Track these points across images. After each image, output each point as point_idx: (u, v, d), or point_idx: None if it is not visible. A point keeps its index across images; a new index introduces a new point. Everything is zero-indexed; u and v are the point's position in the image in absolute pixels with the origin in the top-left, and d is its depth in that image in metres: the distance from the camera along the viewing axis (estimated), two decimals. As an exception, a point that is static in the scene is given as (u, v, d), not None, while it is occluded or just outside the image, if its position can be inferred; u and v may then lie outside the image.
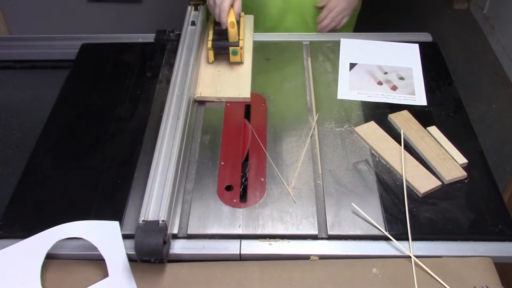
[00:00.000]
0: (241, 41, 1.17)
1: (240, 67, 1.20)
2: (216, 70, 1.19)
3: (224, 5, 1.13)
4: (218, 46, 1.17)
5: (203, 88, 1.14)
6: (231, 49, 1.16)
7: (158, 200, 0.86)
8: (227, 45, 1.16)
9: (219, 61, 1.21)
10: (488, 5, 2.44)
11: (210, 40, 1.18)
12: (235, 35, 1.15)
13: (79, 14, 2.29)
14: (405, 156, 0.99)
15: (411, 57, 1.26)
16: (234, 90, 1.14)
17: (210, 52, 1.18)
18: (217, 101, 1.13)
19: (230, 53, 1.16)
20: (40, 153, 1.04)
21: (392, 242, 0.86)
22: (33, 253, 0.83)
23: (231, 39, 1.16)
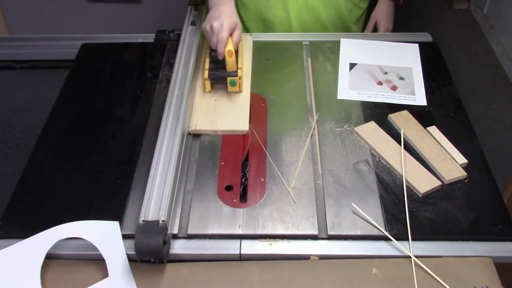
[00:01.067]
0: (239, 70, 1.11)
1: (238, 96, 1.12)
2: (212, 99, 1.12)
3: (222, 35, 1.05)
4: (215, 76, 1.11)
5: (198, 119, 1.07)
6: (229, 79, 1.09)
7: (158, 200, 0.86)
8: (224, 75, 1.10)
9: (215, 89, 1.14)
10: (488, 5, 2.43)
11: (207, 70, 1.11)
12: (233, 64, 1.09)
13: (79, 14, 2.29)
14: (405, 156, 0.99)
15: (411, 57, 1.26)
16: (231, 122, 1.06)
17: (207, 82, 1.11)
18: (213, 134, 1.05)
19: (228, 84, 1.10)
20: (40, 153, 1.04)
21: (392, 242, 0.86)
22: (33, 253, 0.83)
23: (228, 69, 1.09)
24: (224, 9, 1.09)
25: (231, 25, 1.07)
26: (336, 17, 1.36)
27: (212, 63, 1.12)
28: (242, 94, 1.12)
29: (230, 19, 1.07)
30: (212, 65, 1.12)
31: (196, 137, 1.06)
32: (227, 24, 1.05)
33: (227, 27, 1.05)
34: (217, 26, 1.05)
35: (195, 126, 1.05)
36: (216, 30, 1.05)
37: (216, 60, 1.09)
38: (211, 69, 1.11)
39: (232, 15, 1.09)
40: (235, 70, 1.09)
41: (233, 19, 1.08)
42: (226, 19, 1.06)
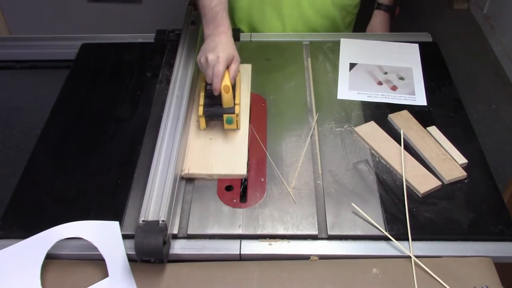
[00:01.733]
0: (237, 107, 1.01)
1: (236, 134, 1.03)
2: (207, 137, 1.03)
3: (218, 69, 0.96)
4: (211, 113, 1.01)
5: (192, 161, 0.98)
6: (225, 116, 1.00)
7: (158, 200, 0.86)
8: (221, 112, 1.00)
9: (211, 126, 1.05)
10: (488, 5, 2.44)
11: (201, 106, 1.02)
12: (230, 100, 0.99)
13: (79, 14, 2.29)
14: (405, 156, 0.99)
15: (411, 57, 1.26)
16: (228, 165, 0.97)
17: (202, 119, 1.02)
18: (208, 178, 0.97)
19: (224, 121, 1.01)
20: (40, 153, 1.04)
21: (392, 242, 0.86)
22: (33, 253, 0.83)
23: (225, 105, 0.99)
24: (221, 40, 1.01)
25: (228, 57, 0.98)
26: (330, 25, 1.37)
27: (207, 98, 1.03)
28: (239, 131, 1.04)
29: (227, 51, 0.99)
30: (207, 100, 1.02)
31: (196, 137, 1.06)
32: (224, 56, 0.97)
33: (224, 60, 0.97)
34: (212, 58, 0.97)
35: (188, 170, 0.96)
36: (212, 63, 0.97)
37: (212, 95, 1.00)
38: (206, 105, 1.02)
39: (229, 47, 1.01)
40: (232, 107, 1.00)
41: (230, 51, 1.00)
42: (223, 51, 0.98)
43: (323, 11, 1.33)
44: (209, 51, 0.99)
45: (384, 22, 1.41)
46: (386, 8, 1.40)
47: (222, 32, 1.02)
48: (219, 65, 0.96)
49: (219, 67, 0.96)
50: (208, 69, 0.98)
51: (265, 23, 1.35)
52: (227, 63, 0.98)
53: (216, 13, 1.02)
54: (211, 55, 0.98)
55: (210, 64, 0.97)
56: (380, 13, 1.41)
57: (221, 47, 0.99)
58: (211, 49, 0.99)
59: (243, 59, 1.24)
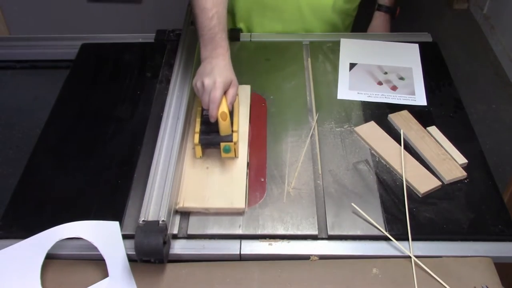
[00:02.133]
0: (234, 134, 0.96)
1: (234, 163, 0.97)
2: (204, 166, 0.97)
3: (215, 95, 0.91)
4: (207, 142, 0.96)
5: (187, 193, 0.92)
6: (222, 145, 0.94)
7: (158, 200, 0.86)
8: (218, 140, 0.95)
9: (207, 153, 0.99)
10: (488, 5, 2.44)
11: (197, 133, 0.96)
12: (228, 128, 0.94)
13: (79, 14, 2.29)
14: (405, 156, 0.99)
15: (411, 57, 1.26)
16: (225, 197, 0.91)
17: (198, 147, 0.97)
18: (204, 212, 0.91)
19: (222, 150, 0.95)
20: (40, 153, 1.04)
21: (392, 242, 0.86)
22: (33, 253, 0.83)
23: (222, 133, 0.94)
24: (218, 63, 0.95)
25: (226, 82, 0.93)
26: (330, 29, 1.37)
27: (203, 124, 0.98)
28: (238, 160, 0.98)
29: (224, 76, 0.93)
30: (203, 127, 0.97)
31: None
32: (221, 81, 0.92)
33: (221, 86, 0.92)
34: (209, 83, 0.92)
35: (183, 203, 0.90)
36: (208, 88, 0.92)
37: (208, 121, 0.94)
38: (202, 132, 0.97)
39: (226, 71, 0.95)
40: (230, 134, 0.95)
41: (228, 75, 0.95)
42: (220, 75, 0.93)
43: (323, 16, 1.33)
44: (206, 75, 0.93)
45: (384, 24, 1.41)
46: (387, 9, 1.40)
47: (220, 55, 0.97)
48: (216, 90, 0.91)
49: (216, 93, 0.91)
50: (205, 94, 0.93)
51: (265, 27, 1.35)
52: (224, 88, 0.93)
53: (215, 34, 0.97)
54: (208, 79, 0.92)
55: (206, 89, 0.92)
56: (380, 14, 1.41)
57: (219, 70, 0.94)
58: (207, 73, 0.94)
59: (243, 59, 1.25)
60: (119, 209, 0.91)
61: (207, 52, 0.97)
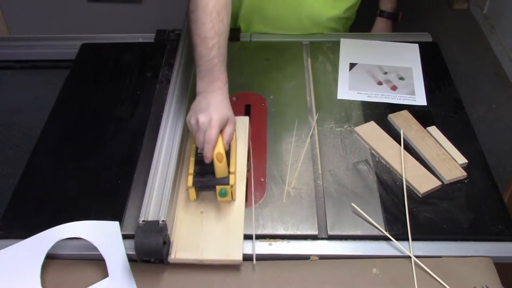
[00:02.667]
0: (231, 176, 0.89)
1: (231, 207, 0.90)
2: (198, 210, 0.90)
3: (210, 135, 0.84)
4: (202, 185, 0.89)
5: (179, 242, 0.85)
6: (218, 188, 0.88)
7: (158, 200, 0.86)
8: (213, 183, 0.88)
9: (202, 196, 0.92)
10: (488, 5, 2.43)
11: (191, 175, 0.89)
12: (224, 170, 0.86)
13: (79, 14, 2.29)
14: (405, 156, 0.99)
15: (411, 57, 1.26)
16: (221, 248, 0.84)
17: (191, 190, 0.90)
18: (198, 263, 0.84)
19: (217, 193, 0.89)
20: (40, 153, 1.04)
21: (392, 242, 0.86)
22: (33, 253, 0.83)
23: (218, 175, 0.87)
24: (214, 97, 0.89)
25: (222, 119, 0.87)
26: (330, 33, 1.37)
27: (198, 165, 0.90)
28: (235, 203, 0.91)
29: (221, 112, 0.87)
30: (198, 167, 0.90)
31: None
32: (217, 119, 0.85)
33: (217, 124, 0.85)
34: (204, 121, 0.85)
35: (175, 255, 0.83)
36: (203, 126, 0.85)
37: (203, 161, 0.87)
38: (197, 173, 0.89)
39: (223, 107, 0.89)
40: (226, 177, 0.88)
41: (224, 112, 0.88)
42: (216, 112, 0.86)
43: (323, 24, 1.33)
44: (201, 111, 0.87)
45: (386, 29, 1.41)
46: (389, 15, 1.39)
47: (217, 88, 0.90)
48: (212, 129, 0.84)
49: (211, 132, 0.84)
50: (199, 133, 0.86)
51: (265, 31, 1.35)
52: (220, 127, 0.87)
53: (213, 65, 0.89)
54: (203, 116, 0.86)
55: (201, 128, 0.85)
56: (382, 20, 1.40)
57: (215, 106, 0.87)
58: (203, 109, 0.87)
59: (243, 59, 1.25)
60: (119, 209, 0.91)
61: (204, 85, 0.90)
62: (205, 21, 0.89)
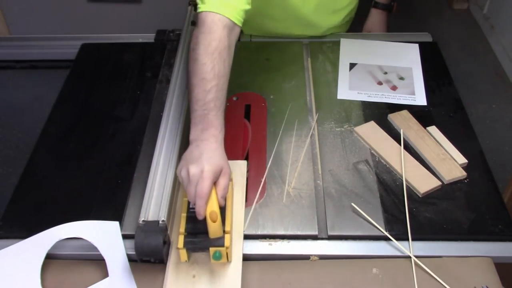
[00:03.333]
0: (227, 236, 0.80)
1: (226, 270, 0.82)
2: (189, 273, 0.81)
3: (202, 188, 0.77)
4: (194, 246, 0.81)
5: None
6: (212, 250, 0.80)
7: (158, 200, 0.86)
8: (206, 244, 0.80)
9: (194, 257, 0.84)
10: (488, 5, 2.43)
11: (182, 234, 0.81)
12: (219, 229, 0.79)
13: (79, 14, 2.29)
14: (405, 156, 0.99)
15: (411, 57, 1.26)
16: None
17: (182, 251, 0.81)
18: None
19: (211, 256, 0.81)
20: (40, 153, 1.04)
21: (392, 242, 0.86)
22: (33, 253, 0.83)
23: (212, 235, 0.79)
24: (207, 147, 0.81)
25: (215, 171, 0.79)
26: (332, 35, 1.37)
27: (189, 222, 0.83)
28: (230, 265, 0.82)
29: (214, 163, 0.79)
30: (189, 226, 0.82)
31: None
32: (209, 170, 0.78)
33: (209, 176, 0.77)
34: (195, 173, 0.77)
35: None
36: (194, 178, 0.78)
37: (196, 218, 0.79)
38: (188, 233, 0.81)
39: (217, 156, 0.81)
40: (221, 237, 0.80)
41: (218, 162, 0.80)
42: (208, 162, 0.79)
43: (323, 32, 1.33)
44: (192, 161, 0.79)
45: (381, 21, 1.41)
46: (383, 6, 1.39)
47: (211, 136, 0.82)
48: (203, 182, 0.77)
49: (203, 185, 0.77)
50: (190, 186, 0.78)
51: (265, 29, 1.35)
52: (214, 179, 0.79)
53: (209, 110, 0.83)
54: (194, 167, 0.78)
55: (192, 180, 0.78)
56: (377, 11, 1.40)
57: (207, 156, 0.80)
58: (194, 159, 0.80)
59: (243, 59, 1.25)
60: (119, 209, 0.91)
61: (197, 133, 0.83)
62: (205, 61, 0.84)
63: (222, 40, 0.86)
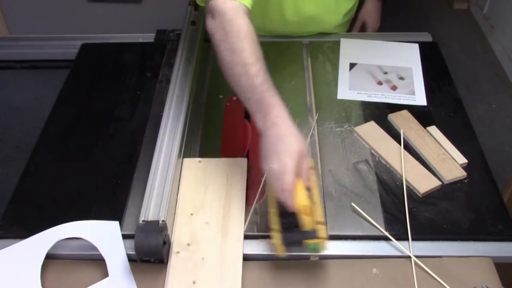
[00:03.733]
0: (322, 228, 0.79)
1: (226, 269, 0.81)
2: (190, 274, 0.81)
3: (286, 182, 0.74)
4: (291, 240, 0.80)
5: None
6: (308, 243, 0.79)
7: (158, 200, 0.86)
8: (302, 237, 0.79)
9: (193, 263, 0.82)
10: (488, 5, 2.44)
11: (277, 231, 0.81)
12: (312, 222, 0.78)
13: (79, 14, 2.29)
14: (405, 156, 0.99)
15: (411, 57, 1.26)
16: None
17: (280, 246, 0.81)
18: None
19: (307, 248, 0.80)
20: (40, 153, 1.04)
21: (392, 242, 0.86)
22: (33, 253, 0.83)
23: (306, 228, 0.78)
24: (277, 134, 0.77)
25: (294, 158, 0.75)
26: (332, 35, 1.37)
27: (280, 217, 0.82)
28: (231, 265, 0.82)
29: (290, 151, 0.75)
30: (281, 220, 0.81)
31: (196, 140, 1.06)
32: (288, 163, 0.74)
33: (290, 168, 0.74)
34: (276, 168, 0.75)
35: None
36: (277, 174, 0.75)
37: (286, 213, 0.80)
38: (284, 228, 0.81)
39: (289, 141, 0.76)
40: (315, 229, 0.78)
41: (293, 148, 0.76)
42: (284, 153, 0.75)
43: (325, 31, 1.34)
44: (270, 157, 0.77)
45: (375, 9, 1.43)
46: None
47: (275, 119, 0.78)
48: (286, 176, 0.74)
49: (286, 179, 0.74)
50: (276, 182, 0.76)
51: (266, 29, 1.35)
52: (295, 167, 0.75)
53: (263, 93, 0.79)
54: (274, 164, 0.75)
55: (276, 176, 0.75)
56: (372, 1, 1.42)
57: (282, 147, 0.76)
58: (271, 153, 0.77)
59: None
60: (119, 209, 0.91)
61: (261, 122, 0.79)
62: (243, 47, 0.81)
63: (249, 24, 0.84)
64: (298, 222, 0.79)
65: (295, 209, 0.77)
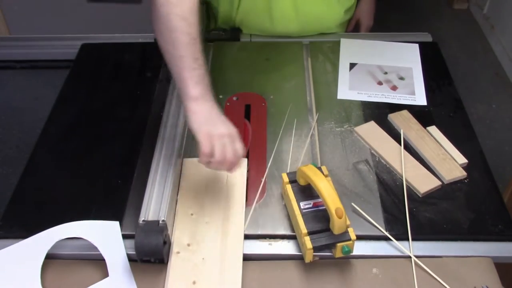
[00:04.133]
0: (351, 230, 0.80)
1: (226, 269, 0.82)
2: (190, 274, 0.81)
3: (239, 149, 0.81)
4: (321, 244, 0.80)
5: None
6: (339, 245, 0.80)
7: (158, 200, 0.86)
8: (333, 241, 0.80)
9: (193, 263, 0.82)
10: (488, 5, 2.44)
11: (306, 235, 0.80)
12: (344, 225, 0.78)
13: (79, 14, 2.29)
14: (405, 156, 0.99)
15: (411, 57, 1.26)
16: None
17: (310, 252, 0.80)
18: None
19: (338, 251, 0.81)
20: (40, 153, 1.04)
21: (392, 242, 0.86)
22: (33, 253, 0.83)
23: (337, 231, 0.79)
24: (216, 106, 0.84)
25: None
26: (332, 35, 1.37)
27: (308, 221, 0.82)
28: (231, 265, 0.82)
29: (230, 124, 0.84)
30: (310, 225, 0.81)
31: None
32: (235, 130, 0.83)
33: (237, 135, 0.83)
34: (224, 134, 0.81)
35: None
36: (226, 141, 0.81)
37: (312, 216, 0.82)
38: (310, 232, 0.81)
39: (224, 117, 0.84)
40: (346, 232, 0.80)
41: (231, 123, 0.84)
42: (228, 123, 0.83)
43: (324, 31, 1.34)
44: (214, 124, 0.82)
45: (369, 8, 1.43)
46: None
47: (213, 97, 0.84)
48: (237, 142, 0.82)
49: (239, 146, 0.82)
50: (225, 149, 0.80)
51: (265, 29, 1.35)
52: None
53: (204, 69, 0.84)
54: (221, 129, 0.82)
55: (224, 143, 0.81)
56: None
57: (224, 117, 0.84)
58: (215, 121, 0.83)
59: (243, 59, 1.25)
60: (119, 209, 0.91)
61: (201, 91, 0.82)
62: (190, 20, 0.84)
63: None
64: (327, 225, 0.80)
65: (329, 212, 0.78)
